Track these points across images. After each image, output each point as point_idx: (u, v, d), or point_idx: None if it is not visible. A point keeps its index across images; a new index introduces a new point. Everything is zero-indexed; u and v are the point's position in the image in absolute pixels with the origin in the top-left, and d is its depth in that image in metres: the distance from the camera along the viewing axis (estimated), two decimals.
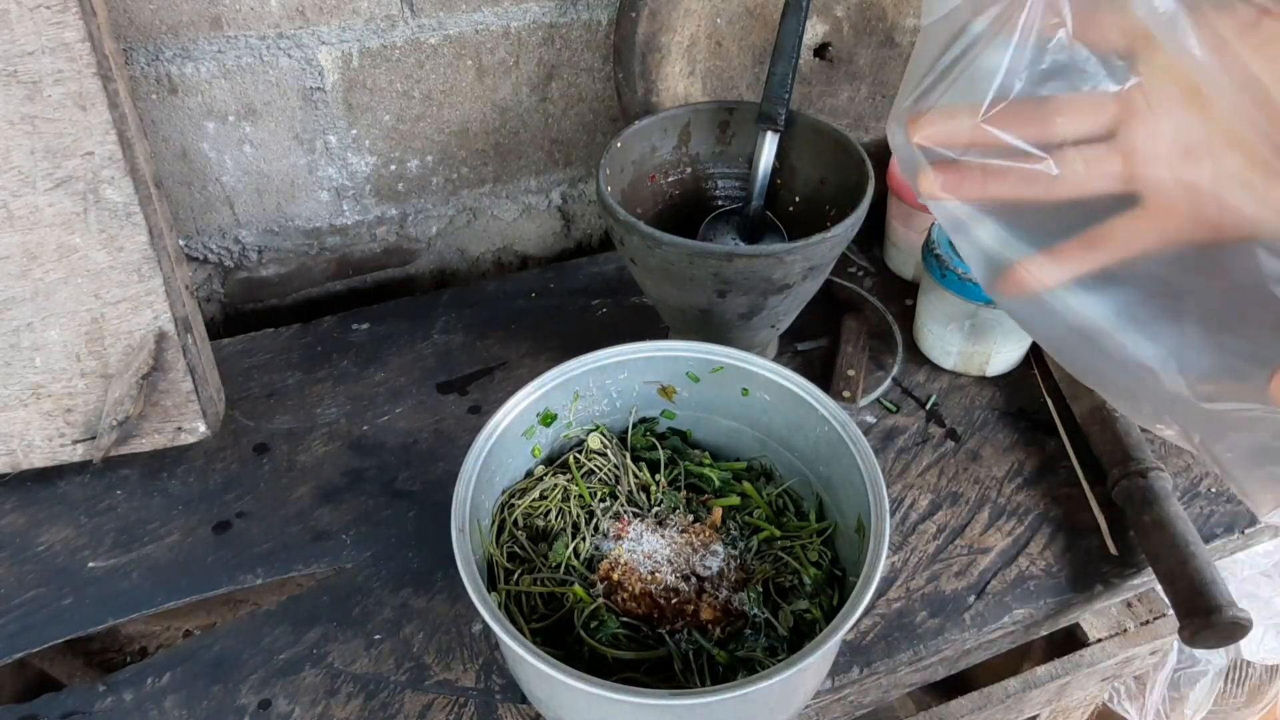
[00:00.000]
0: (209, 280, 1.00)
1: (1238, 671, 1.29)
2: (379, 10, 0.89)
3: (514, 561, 0.66)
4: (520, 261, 1.15)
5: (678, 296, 0.79)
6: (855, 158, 0.82)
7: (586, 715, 0.56)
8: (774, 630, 0.61)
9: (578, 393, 0.70)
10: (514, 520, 0.67)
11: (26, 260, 0.73)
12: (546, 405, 0.68)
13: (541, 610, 0.63)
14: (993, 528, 0.78)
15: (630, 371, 0.71)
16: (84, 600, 0.72)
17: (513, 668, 0.63)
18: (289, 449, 0.84)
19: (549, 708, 0.59)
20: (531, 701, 0.63)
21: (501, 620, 0.52)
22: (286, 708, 0.66)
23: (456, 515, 0.58)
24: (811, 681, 0.61)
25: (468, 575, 0.54)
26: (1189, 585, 0.69)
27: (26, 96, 0.70)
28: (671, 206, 0.91)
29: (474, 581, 0.54)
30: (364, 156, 0.97)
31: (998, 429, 0.86)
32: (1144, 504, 0.75)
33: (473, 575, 0.54)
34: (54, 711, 0.66)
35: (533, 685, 0.59)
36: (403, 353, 0.94)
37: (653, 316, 0.94)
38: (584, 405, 0.71)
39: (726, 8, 0.90)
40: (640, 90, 0.91)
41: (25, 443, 0.77)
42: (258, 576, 0.74)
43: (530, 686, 0.60)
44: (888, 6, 0.96)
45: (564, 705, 0.57)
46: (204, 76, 0.87)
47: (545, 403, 0.68)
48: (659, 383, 0.72)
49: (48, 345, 0.75)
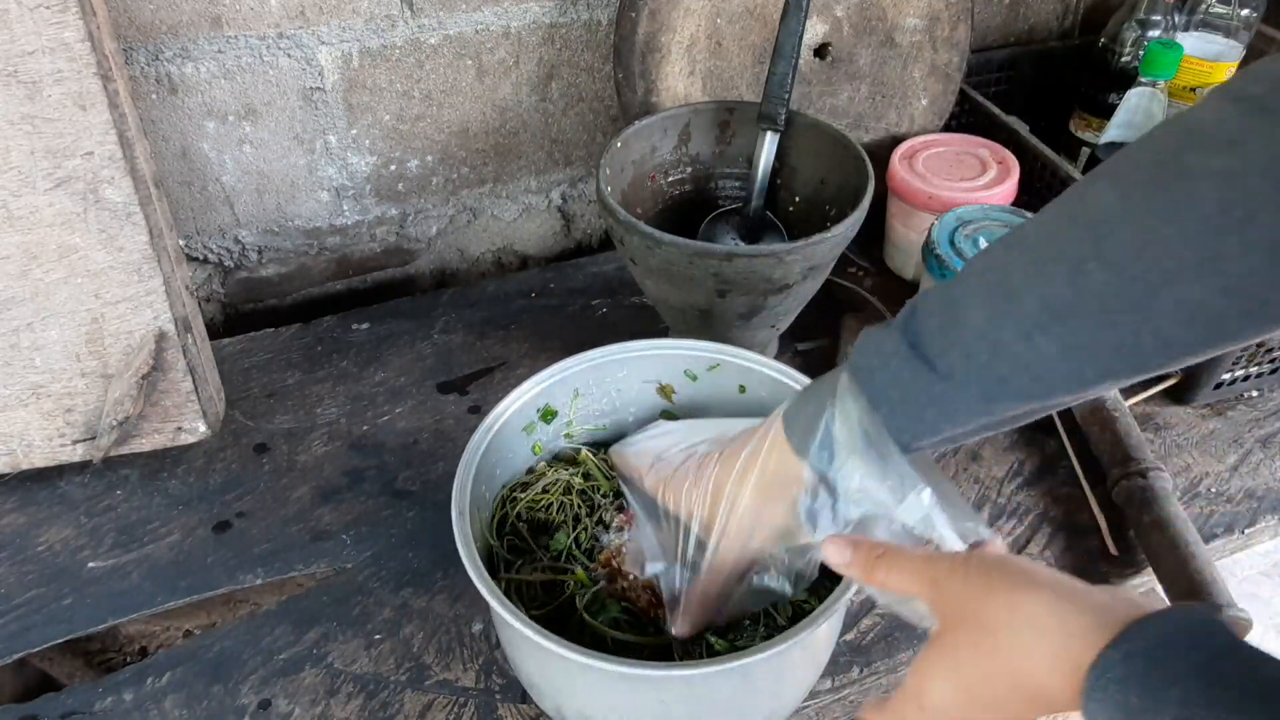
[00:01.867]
0: (209, 280, 1.00)
1: None
2: (379, 10, 0.89)
3: (515, 554, 0.66)
4: (520, 261, 1.15)
5: (678, 296, 0.79)
6: (855, 158, 0.82)
7: (582, 695, 0.56)
8: (773, 620, 0.61)
9: (578, 390, 0.70)
10: (516, 514, 0.67)
11: (26, 260, 0.73)
12: (547, 401, 0.69)
13: (542, 598, 0.63)
14: (993, 528, 0.78)
15: (630, 369, 0.71)
16: (84, 600, 0.72)
17: (509, 651, 0.62)
18: (289, 449, 0.84)
19: (546, 694, 0.59)
20: (529, 691, 0.63)
21: (498, 594, 0.52)
22: (286, 708, 0.66)
23: (457, 500, 0.58)
24: (806, 669, 0.61)
25: (467, 556, 0.54)
26: (1189, 585, 0.69)
27: (26, 96, 0.70)
28: (671, 206, 0.91)
29: (472, 561, 0.54)
30: (364, 156, 0.97)
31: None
32: (1144, 504, 0.75)
33: (471, 555, 0.55)
34: (54, 711, 0.66)
35: (529, 668, 0.59)
36: (403, 353, 0.94)
37: (653, 316, 0.94)
38: (584, 403, 0.71)
39: (726, 8, 0.90)
40: (640, 90, 0.91)
41: (25, 443, 0.77)
42: (258, 576, 0.74)
43: (527, 671, 0.60)
44: (888, 6, 0.96)
45: (560, 688, 0.57)
46: (204, 76, 0.87)
47: (546, 398, 0.68)
48: (658, 381, 0.72)
49: (48, 345, 0.75)
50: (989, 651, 0.41)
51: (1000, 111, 1.05)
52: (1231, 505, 0.80)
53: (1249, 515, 0.79)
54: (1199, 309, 0.41)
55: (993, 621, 0.41)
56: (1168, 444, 0.85)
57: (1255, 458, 0.84)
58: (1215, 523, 0.79)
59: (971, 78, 1.10)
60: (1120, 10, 1.08)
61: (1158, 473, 0.76)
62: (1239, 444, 0.85)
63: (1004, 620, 0.41)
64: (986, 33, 1.20)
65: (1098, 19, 1.23)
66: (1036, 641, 0.39)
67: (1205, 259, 0.40)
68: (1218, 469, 0.83)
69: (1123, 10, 1.08)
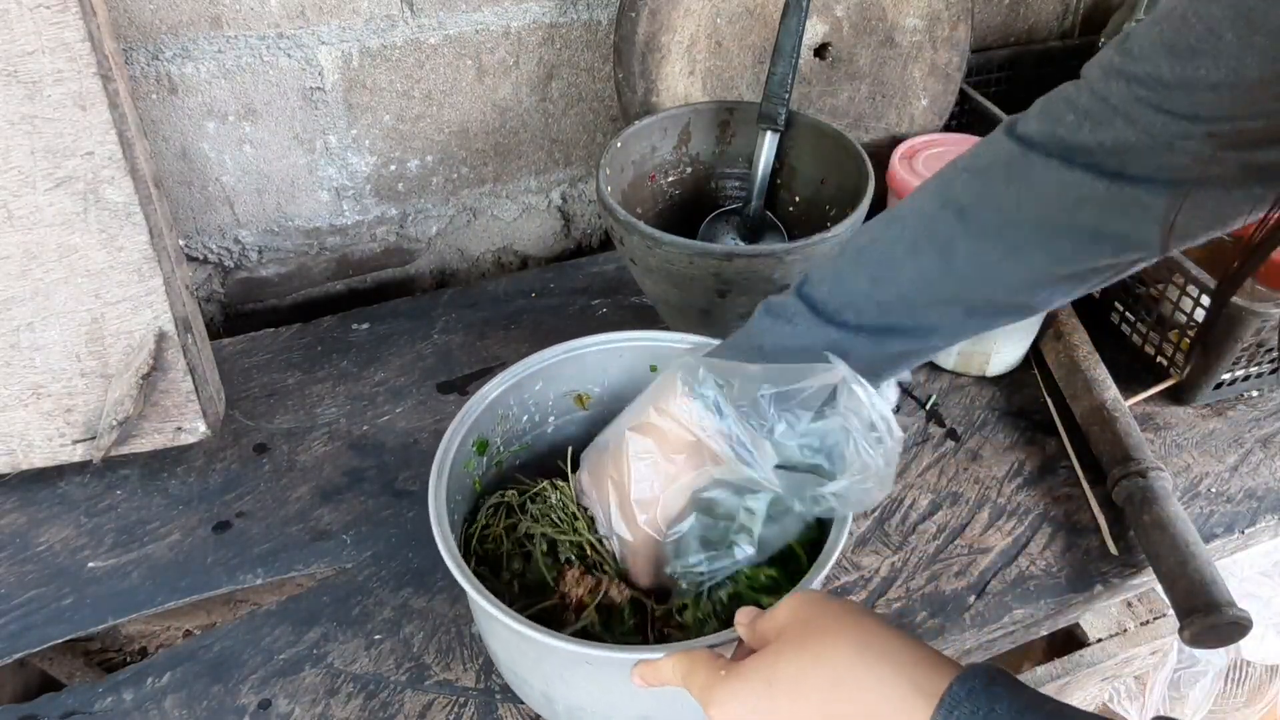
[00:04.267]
0: (209, 280, 1.00)
1: (1238, 671, 1.29)
2: (379, 10, 0.89)
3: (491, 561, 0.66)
4: (520, 261, 1.15)
5: (678, 296, 0.79)
6: (855, 158, 0.82)
7: (562, 686, 0.57)
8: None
9: (503, 414, 0.69)
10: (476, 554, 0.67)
11: (26, 260, 0.73)
12: (479, 433, 0.67)
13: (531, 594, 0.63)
14: (993, 528, 0.78)
15: (544, 381, 0.70)
16: (84, 600, 0.72)
17: (492, 647, 0.63)
18: (289, 449, 0.84)
19: (529, 684, 0.59)
20: (514, 686, 0.63)
21: (469, 577, 0.53)
22: (286, 708, 0.66)
23: (441, 539, 0.58)
24: None
25: (444, 546, 0.55)
26: (1189, 585, 0.69)
27: (26, 96, 0.70)
28: (671, 206, 0.91)
29: (448, 545, 0.55)
30: (364, 156, 0.97)
31: (998, 429, 0.86)
32: (1144, 504, 0.75)
33: (447, 539, 0.55)
34: (54, 711, 0.66)
35: (510, 660, 0.59)
36: (403, 353, 0.94)
37: (652, 316, 0.94)
38: (507, 426, 0.70)
39: (726, 8, 0.90)
40: (640, 90, 0.91)
41: (25, 443, 0.77)
42: (258, 576, 0.74)
43: (510, 664, 0.60)
44: (888, 6, 0.96)
45: (547, 676, 0.57)
46: (204, 76, 0.87)
47: (476, 431, 0.66)
48: (574, 391, 0.72)
49: (48, 345, 0.75)
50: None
51: (1000, 111, 1.05)
52: (1231, 505, 0.80)
53: (1249, 515, 0.79)
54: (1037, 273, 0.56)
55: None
56: (1168, 444, 0.85)
57: (1255, 458, 0.84)
58: (1215, 523, 0.79)
59: (971, 78, 1.10)
60: (1120, 10, 1.09)
61: (1158, 473, 0.76)
62: (1239, 444, 0.85)
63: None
64: (986, 33, 1.20)
65: (1098, 19, 1.23)
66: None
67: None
68: (1218, 469, 0.83)
69: (1123, 10, 1.08)
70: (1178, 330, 0.87)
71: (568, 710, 0.59)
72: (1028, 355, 0.92)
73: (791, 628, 0.45)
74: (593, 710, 0.58)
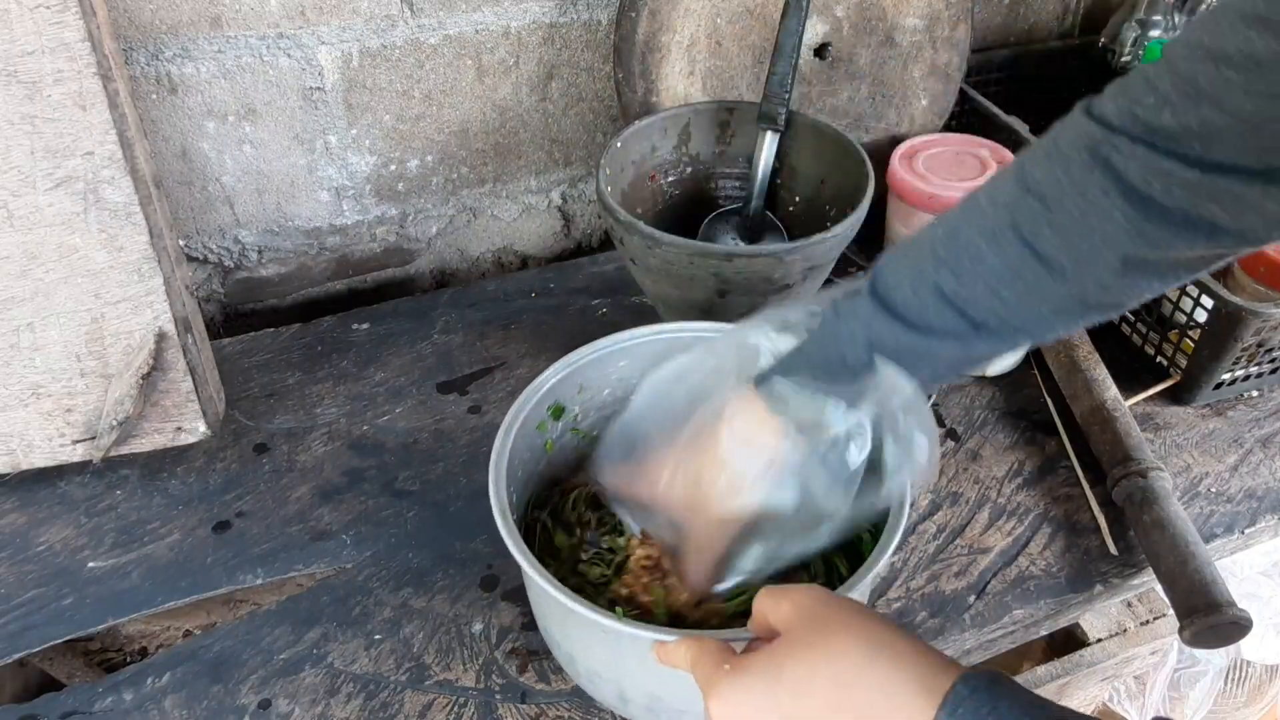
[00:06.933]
0: (209, 280, 1.00)
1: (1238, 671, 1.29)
2: (379, 10, 0.89)
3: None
4: (520, 261, 1.15)
5: (678, 296, 0.79)
6: (855, 158, 0.82)
7: (606, 660, 0.59)
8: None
9: (582, 385, 0.70)
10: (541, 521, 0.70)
11: (26, 260, 0.73)
12: (556, 399, 0.69)
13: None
14: (993, 528, 0.78)
15: (630, 358, 0.71)
16: (84, 600, 0.72)
17: (545, 625, 0.64)
18: (289, 449, 0.84)
19: (580, 661, 0.61)
20: (560, 660, 0.64)
21: (528, 556, 0.55)
22: (286, 708, 0.66)
23: (497, 504, 0.59)
24: None
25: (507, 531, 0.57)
26: (1189, 585, 0.69)
27: (26, 96, 0.70)
28: (671, 206, 0.91)
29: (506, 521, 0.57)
30: (364, 156, 0.97)
31: (998, 429, 0.86)
32: (1144, 504, 0.75)
33: (511, 529, 0.57)
34: (54, 711, 0.66)
35: (559, 637, 0.61)
36: (403, 353, 0.94)
37: (653, 316, 0.94)
38: (588, 396, 0.71)
39: (726, 8, 0.90)
40: (640, 90, 0.91)
41: (25, 443, 0.77)
42: (258, 576, 0.74)
43: (559, 640, 0.62)
44: (888, 6, 0.96)
45: (593, 654, 0.59)
46: (204, 76, 0.87)
47: (554, 396, 0.69)
48: None
49: (48, 345, 0.75)
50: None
51: (1000, 111, 1.05)
52: (1231, 505, 0.80)
53: (1249, 515, 0.79)
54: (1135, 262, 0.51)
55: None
56: (1168, 444, 0.85)
57: (1255, 458, 0.84)
58: (1215, 523, 0.79)
59: (971, 78, 1.10)
60: (1120, 10, 1.09)
61: (1158, 473, 0.76)
62: (1239, 444, 0.85)
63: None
64: (986, 33, 1.20)
65: (1098, 19, 1.23)
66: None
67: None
68: (1218, 469, 0.83)
69: (1123, 10, 1.08)
70: (1178, 330, 0.87)
71: (588, 672, 0.62)
72: (1028, 356, 0.92)
73: (798, 625, 0.45)
74: (607, 677, 0.60)
